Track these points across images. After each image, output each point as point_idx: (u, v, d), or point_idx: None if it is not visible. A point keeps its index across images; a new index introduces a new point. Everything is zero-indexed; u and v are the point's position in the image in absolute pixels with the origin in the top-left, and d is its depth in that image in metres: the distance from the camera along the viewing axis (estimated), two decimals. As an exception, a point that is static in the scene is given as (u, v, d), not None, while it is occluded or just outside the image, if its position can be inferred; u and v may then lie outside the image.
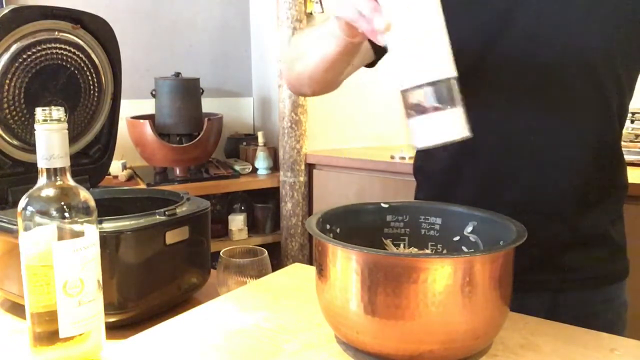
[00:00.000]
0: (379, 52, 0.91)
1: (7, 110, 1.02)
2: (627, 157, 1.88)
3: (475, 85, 0.72)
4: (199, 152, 2.36)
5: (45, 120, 0.61)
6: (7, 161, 1.03)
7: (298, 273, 0.93)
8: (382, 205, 0.78)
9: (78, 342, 0.63)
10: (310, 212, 2.47)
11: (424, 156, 0.99)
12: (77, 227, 0.62)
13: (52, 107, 0.61)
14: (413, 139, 0.63)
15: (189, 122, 2.35)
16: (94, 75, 1.16)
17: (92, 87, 1.16)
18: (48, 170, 0.62)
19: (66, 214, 0.62)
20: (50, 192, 0.62)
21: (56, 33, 1.07)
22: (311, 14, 2.37)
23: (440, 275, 0.58)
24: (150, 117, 2.33)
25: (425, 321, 0.59)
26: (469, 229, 0.75)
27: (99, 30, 1.14)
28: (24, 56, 1.03)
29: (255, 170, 2.54)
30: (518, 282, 0.67)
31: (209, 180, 2.38)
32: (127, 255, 0.79)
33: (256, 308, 0.78)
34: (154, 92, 2.36)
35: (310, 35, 0.90)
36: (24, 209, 0.61)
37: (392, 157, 2.25)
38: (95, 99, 1.18)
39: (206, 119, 2.33)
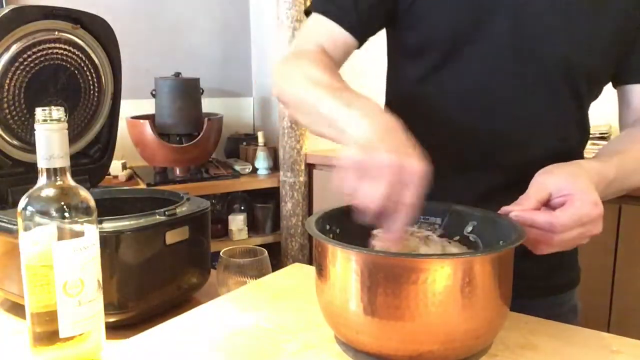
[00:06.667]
0: (362, 37, 0.90)
1: (7, 110, 1.02)
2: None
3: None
4: (199, 152, 2.36)
5: (45, 120, 0.61)
6: (7, 161, 1.03)
7: (298, 273, 0.93)
8: (382, 205, 0.78)
9: (78, 342, 0.63)
10: (310, 212, 2.47)
11: None
12: (77, 227, 0.62)
13: (52, 107, 0.61)
14: None
15: (189, 122, 2.35)
16: (94, 75, 1.16)
17: (92, 87, 1.16)
18: (48, 170, 0.61)
19: (66, 214, 0.62)
20: (50, 192, 0.62)
21: (56, 33, 1.07)
22: (311, 14, 2.37)
23: (440, 276, 0.58)
24: (150, 117, 2.33)
25: (425, 321, 0.59)
26: (469, 229, 0.75)
27: (99, 30, 1.14)
28: (24, 56, 1.03)
29: (255, 170, 2.54)
30: None
31: (209, 180, 2.38)
32: (127, 255, 0.78)
33: (256, 308, 0.78)
34: (154, 92, 2.36)
35: (320, 110, 0.77)
36: (24, 209, 0.61)
37: (392, 157, 2.25)
38: (95, 99, 1.18)
39: (206, 119, 2.33)
